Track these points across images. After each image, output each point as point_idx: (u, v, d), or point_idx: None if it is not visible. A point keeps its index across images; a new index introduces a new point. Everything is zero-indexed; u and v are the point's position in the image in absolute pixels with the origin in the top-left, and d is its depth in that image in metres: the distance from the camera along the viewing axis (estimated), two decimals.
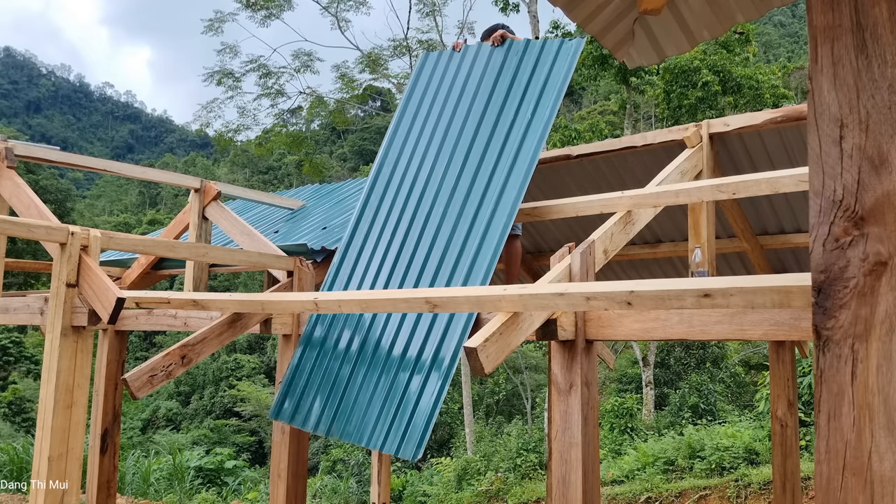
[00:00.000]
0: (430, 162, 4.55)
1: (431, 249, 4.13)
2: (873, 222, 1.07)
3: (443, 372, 3.57)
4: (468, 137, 4.48)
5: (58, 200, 30.82)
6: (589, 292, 2.29)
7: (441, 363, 3.61)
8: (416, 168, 4.62)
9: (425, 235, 4.21)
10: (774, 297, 1.87)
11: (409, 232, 4.32)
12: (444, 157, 4.50)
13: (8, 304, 4.34)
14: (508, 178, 4.09)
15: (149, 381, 3.65)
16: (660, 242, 6.07)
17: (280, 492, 4.38)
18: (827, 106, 1.13)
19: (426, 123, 4.79)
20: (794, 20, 54.24)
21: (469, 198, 4.19)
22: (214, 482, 13.42)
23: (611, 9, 2.13)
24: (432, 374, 3.60)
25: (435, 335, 3.73)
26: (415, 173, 4.59)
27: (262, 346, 31.15)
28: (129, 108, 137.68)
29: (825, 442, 1.08)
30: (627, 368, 20.52)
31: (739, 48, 16.18)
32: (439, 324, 3.75)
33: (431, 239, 4.16)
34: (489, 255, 3.85)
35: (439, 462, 13.13)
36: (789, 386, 5.39)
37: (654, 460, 10.06)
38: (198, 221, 5.46)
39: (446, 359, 3.60)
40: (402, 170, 4.69)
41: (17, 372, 26.60)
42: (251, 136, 32.41)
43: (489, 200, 4.09)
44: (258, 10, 20.74)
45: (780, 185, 3.30)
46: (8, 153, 4.68)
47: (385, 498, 6.80)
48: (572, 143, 15.85)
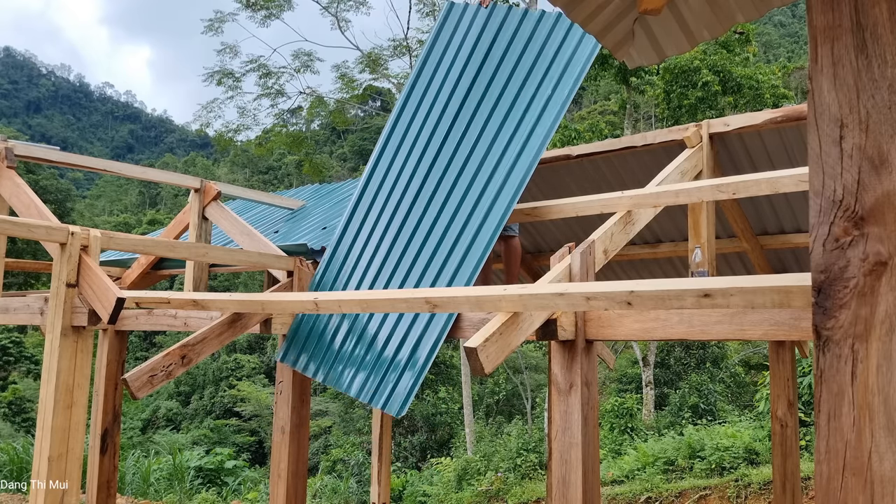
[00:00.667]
0: (445, 129, 4.44)
1: (435, 224, 4.13)
2: (873, 222, 1.07)
3: (417, 370, 3.73)
4: (487, 108, 4.36)
5: (58, 200, 30.82)
6: (589, 292, 2.29)
7: (418, 352, 3.76)
8: (429, 132, 4.51)
9: (429, 212, 4.23)
10: (774, 297, 1.87)
11: (414, 204, 4.32)
12: (460, 127, 4.39)
13: (8, 304, 4.34)
14: (519, 156, 4.06)
15: (149, 381, 3.65)
16: (660, 242, 6.07)
17: (280, 492, 4.38)
18: (827, 106, 1.13)
19: (443, 86, 4.61)
20: (794, 20, 54.24)
21: (478, 174, 4.14)
22: (214, 482, 13.43)
23: (611, 9, 2.13)
24: (411, 362, 3.77)
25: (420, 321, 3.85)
26: (427, 137, 4.49)
27: (262, 346, 31.15)
28: (129, 108, 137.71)
29: (825, 442, 1.08)
30: (627, 368, 20.52)
31: (739, 48, 16.18)
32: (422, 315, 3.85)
33: (435, 215, 4.17)
34: (493, 226, 3.91)
35: (439, 462, 13.14)
36: (789, 386, 5.39)
37: (654, 460, 10.06)
38: (198, 221, 5.46)
39: (427, 346, 3.74)
40: (413, 133, 4.57)
41: (17, 372, 26.60)
42: (251, 136, 32.45)
43: (497, 180, 4.05)
44: (258, 10, 20.74)
45: (780, 185, 3.30)
46: (8, 153, 4.68)
47: (385, 498, 6.80)
48: (572, 143, 15.84)
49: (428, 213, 4.22)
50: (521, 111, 4.25)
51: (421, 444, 17.38)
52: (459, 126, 4.43)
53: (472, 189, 4.13)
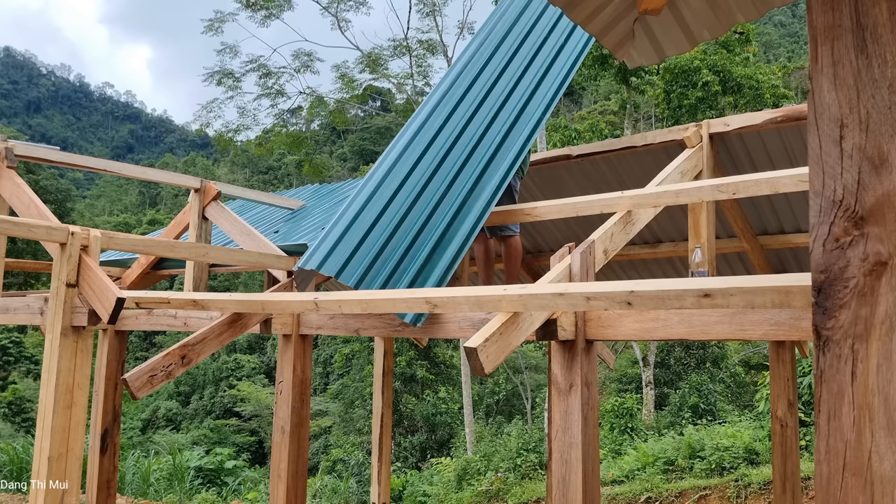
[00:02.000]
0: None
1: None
2: (873, 222, 1.07)
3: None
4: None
5: (58, 200, 30.82)
6: (589, 292, 2.29)
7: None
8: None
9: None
10: (774, 297, 1.87)
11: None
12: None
13: (8, 304, 4.34)
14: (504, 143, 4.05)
15: (149, 381, 3.65)
16: (660, 242, 6.07)
17: (280, 492, 4.38)
18: (827, 106, 1.13)
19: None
20: (794, 20, 54.26)
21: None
22: (214, 482, 13.44)
23: (611, 9, 2.13)
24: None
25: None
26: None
27: (262, 346, 31.17)
28: (129, 107, 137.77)
29: (825, 442, 1.08)
30: (627, 368, 20.52)
31: (739, 48, 16.19)
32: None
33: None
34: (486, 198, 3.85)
35: (439, 462, 13.14)
36: (789, 386, 5.39)
37: (654, 460, 10.06)
38: (198, 221, 5.46)
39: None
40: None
41: (17, 372, 26.61)
42: (251, 136, 32.43)
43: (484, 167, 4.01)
44: (258, 10, 20.73)
45: (780, 185, 3.30)
46: (8, 153, 4.68)
47: (385, 498, 6.80)
48: (572, 143, 15.85)
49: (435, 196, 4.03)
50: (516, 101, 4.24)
51: (421, 444, 17.38)
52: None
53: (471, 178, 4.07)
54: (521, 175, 4.71)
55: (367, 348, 19.37)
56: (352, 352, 21.57)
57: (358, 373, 20.84)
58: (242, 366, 28.97)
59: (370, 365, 17.88)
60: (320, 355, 26.82)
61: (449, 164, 4.04)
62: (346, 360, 22.32)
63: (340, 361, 22.69)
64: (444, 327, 3.51)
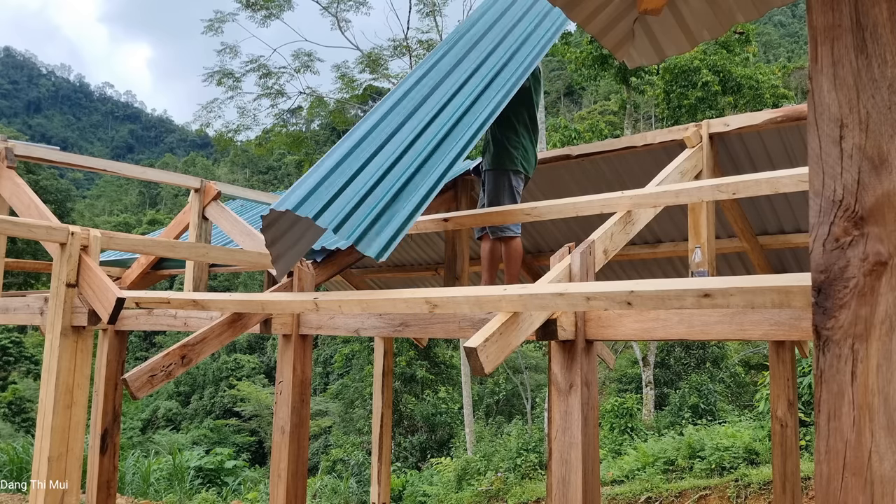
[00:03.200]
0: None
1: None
2: (873, 222, 1.07)
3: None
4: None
5: (58, 200, 30.81)
6: (589, 292, 2.29)
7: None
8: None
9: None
10: (774, 297, 1.87)
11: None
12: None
13: (8, 304, 4.34)
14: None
15: (149, 381, 3.65)
16: (660, 242, 6.07)
17: (280, 492, 4.37)
18: (827, 106, 1.13)
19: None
20: (794, 20, 54.28)
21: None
22: (214, 482, 13.44)
23: (611, 9, 2.13)
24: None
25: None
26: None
27: (262, 346, 31.19)
28: (129, 107, 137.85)
29: (825, 442, 1.08)
30: (627, 368, 20.53)
31: (739, 48, 16.20)
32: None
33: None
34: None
35: (439, 462, 13.15)
36: (789, 386, 5.39)
37: (654, 460, 10.06)
38: (198, 221, 5.46)
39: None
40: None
41: (17, 372, 26.62)
42: (251, 136, 32.39)
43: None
44: (258, 10, 20.74)
45: (780, 185, 3.30)
46: (8, 153, 4.68)
47: (385, 498, 6.81)
48: (572, 143, 15.85)
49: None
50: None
51: (421, 444, 17.39)
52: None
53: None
54: (526, 178, 4.69)
55: (367, 348, 19.38)
56: (352, 352, 21.60)
57: (358, 373, 20.86)
58: (242, 366, 28.98)
59: (370, 365, 17.88)
60: (320, 355, 26.84)
61: (441, 121, 3.98)
62: (346, 360, 22.34)
63: (340, 361, 22.71)
64: (445, 327, 3.51)
